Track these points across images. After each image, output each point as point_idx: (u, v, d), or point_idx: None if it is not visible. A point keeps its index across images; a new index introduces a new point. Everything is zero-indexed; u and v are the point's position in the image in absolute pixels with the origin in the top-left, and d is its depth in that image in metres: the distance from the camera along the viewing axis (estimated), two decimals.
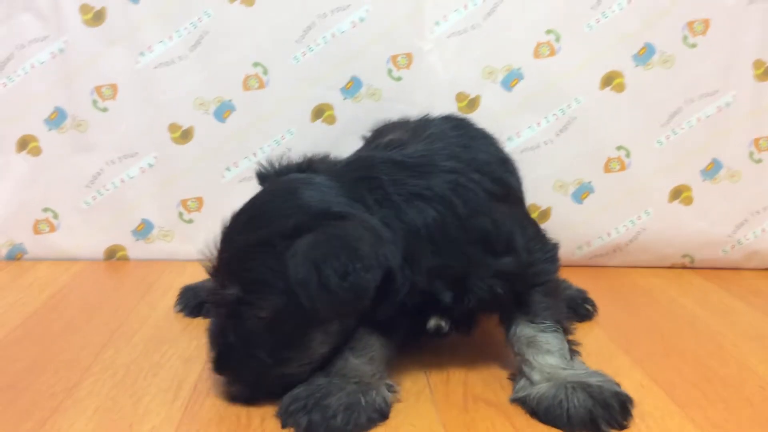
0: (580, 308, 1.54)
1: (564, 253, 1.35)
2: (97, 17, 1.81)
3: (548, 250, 1.29)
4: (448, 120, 1.45)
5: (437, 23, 1.82)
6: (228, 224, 1.16)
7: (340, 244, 1.03)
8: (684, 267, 1.96)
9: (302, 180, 1.18)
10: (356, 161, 1.25)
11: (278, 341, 1.09)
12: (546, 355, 1.16)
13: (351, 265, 1.01)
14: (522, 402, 1.14)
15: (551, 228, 1.54)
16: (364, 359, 1.15)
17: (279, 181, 1.23)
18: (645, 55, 1.82)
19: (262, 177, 1.30)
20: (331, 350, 1.14)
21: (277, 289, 1.05)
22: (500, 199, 1.22)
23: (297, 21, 1.81)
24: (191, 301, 1.53)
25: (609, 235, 1.92)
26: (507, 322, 1.22)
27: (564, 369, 1.14)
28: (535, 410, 1.10)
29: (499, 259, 1.17)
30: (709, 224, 1.92)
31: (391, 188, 1.14)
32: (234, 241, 1.12)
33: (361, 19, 1.81)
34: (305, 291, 1.01)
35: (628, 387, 1.15)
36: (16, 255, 1.93)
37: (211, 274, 1.16)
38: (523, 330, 1.19)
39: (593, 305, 1.56)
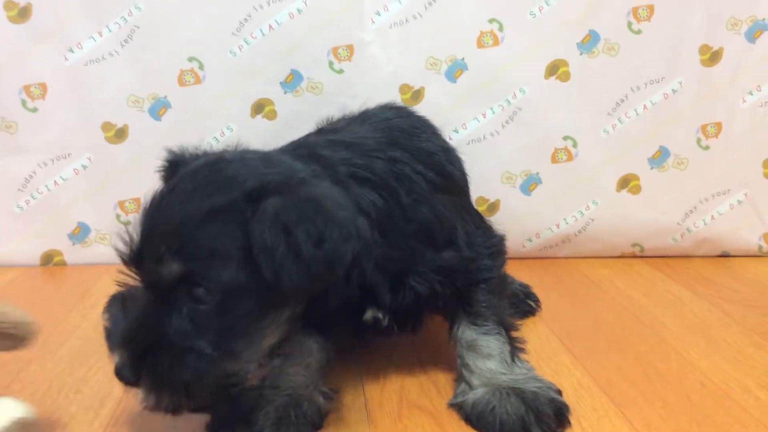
0: (523, 304, 1.52)
1: (513, 246, 1.33)
2: (22, 13, 1.73)
3: (493, 243, 1.25)
4: (389, 108, 1.38)
5: (378, 13, 1.77)
6: (154, 202, 0.99)
7: (315, 207, 0.90)
8: (634, 256, 1.95)
9: (251, 151, 1.06)
10: (297, 143, 1.17)
11: (226, 329, 0.93)
12: (486, 360, 1.13)
13: (327, 231, 0.89)
14: (458, 407, 1.12)
15: (500, 220, 1.52)
16: (299, 368, 1.10)
17: (222, 153, 1.05)
18: (589, 42, 1.79)
19: (173, 165, 1.11)
20: (276, 343, 1.02)
21: (232, 261, 0.90)
22: (443, 191, 1.17)
23: (232, 12, 1.75)
24: None
25: (558, 226, 1.90)
26: (450, 321, 1.19)
27: (503, 374, 1.12)
28: (469, 416, 1.08)
29: (440, 253, 1.13)
30: (659, 213, 1.90)
31: (340, 167, 1.06)
32: (175, 213, 0.94)
33: (299, 11, 1.75)
34: (270, 259, 0.87)
35: (567, 387, 1.14)
36: None
37: (130, 259, 0.98)
38: (464, 332, 1.16)
39: (536, 301, 1.55)
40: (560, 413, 1.05)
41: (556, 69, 1.81)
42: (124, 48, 1.75)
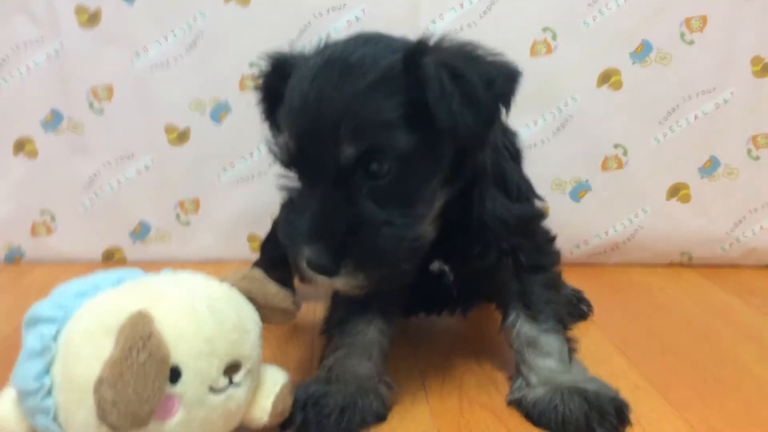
0: (575, 308, 1.54)
1: (562, 252, 1.35)
2: (92, 19, 1.80)
3: (548, 232, 1.29)
4: None
5: (433, 21, 1.81)
6: (303, 96, 0.97)
7: (473, 54, 0.96)
8: (682, 265, 1.96)
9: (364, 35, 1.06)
10: None
11: (406, 196, 0.97)
12: (545, 358, 1.15)
13: (494, 72, 0.94)
14: (517, 404, 1.14)
15: (548, 226, 1.53)
16: (363, 358, 1.14)
17: (344, 41, 1.04)
18: (642, 52, 1.82)
19: (279, 68, 1.10)
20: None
21: (401, 128, 0.93)
22: (515, 159, 1.24)
23: (293, 20, 1.80)
24: None
25: (607, 233, 1.92)
26: (505, 311, 1.21)
27: (562, 373, 1.14)
28: (530, 413, 1.11)
29: (512, 203, 1.16)
30: (708, 222, 1.91)
31: None
32: (336, 98, 0.94)
33: (357, 18, 1.80)
34: (446, 106, 0.89)
35: (624, 388, 1.15)
36: (14, 258, 1.93)
37: (294, 158, 0.98)
38: (524, 327, 1.17)
39: (589, 305, 1.57)
40: (621, 412, 1.07)
41: (608, 78, 1.83)
42: (188, 53, 1.82)
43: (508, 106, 0.96)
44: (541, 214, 1.24)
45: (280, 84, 1.06)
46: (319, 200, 0.95)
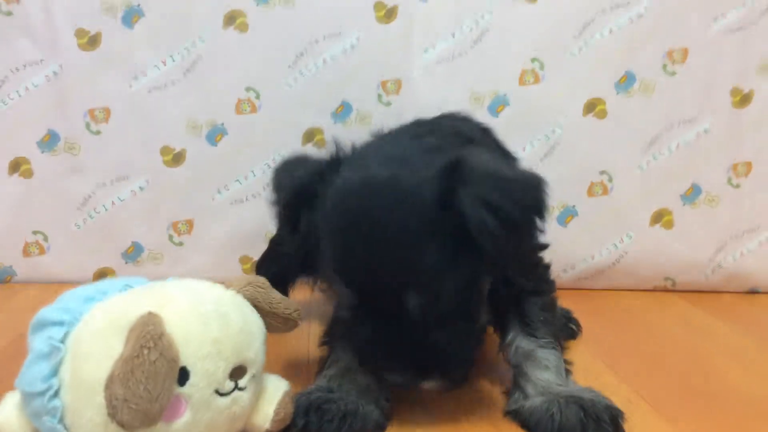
0: (565, 328, 1.56)
1: None
2: (92, 41, 1.83)
3: (543, 259, 1.34)
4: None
5: (426, 50, 1.87)
6: (351, 250, 1.02)
7: (499, 177, 1.03)
8: (666, 290, 2.00)
9: (379, 155, 1.12)
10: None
11: (461, 310, 1.07)
12: (543, 371, 1.18)
13: (521, 193, 1.01)
14: (515, 414, 1.16)
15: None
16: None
17: (376, 170, 1.07)
18: (626, 82, 1.88)
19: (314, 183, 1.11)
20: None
21: (455, 271, 1.02)
22: None
23: (289, 47, 1.85)
24: None
25: (593, 257, 1.96)
26: (503, 332, 1.24)
27: (559, 385, 1.17)
28: (527, 422, 1.13)
29: None
30: (690, 248, 1.96)
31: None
32: (386, 254, 1.00)
33: (352, 46, 1.85)
34: (491, 239, 0.97)
35: (616, 402, 1.17)
36: (5, 278, 1.93)
37: (363, 294, 1.05)
38: (522, 342, 1.21)
39: (578, 325, 1.60)
40: (616, 420, 1.10)
41: (593, 107, 1.89)
42: (185, 76, 1.85)
43: (542, 216, 1.04)
44: (545, 244, 1.29)
45: (303, 209, 1.11)
46: (390, 334, 1.04)
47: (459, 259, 1.01)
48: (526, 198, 1.01)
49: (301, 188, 1.12)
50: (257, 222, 1.84)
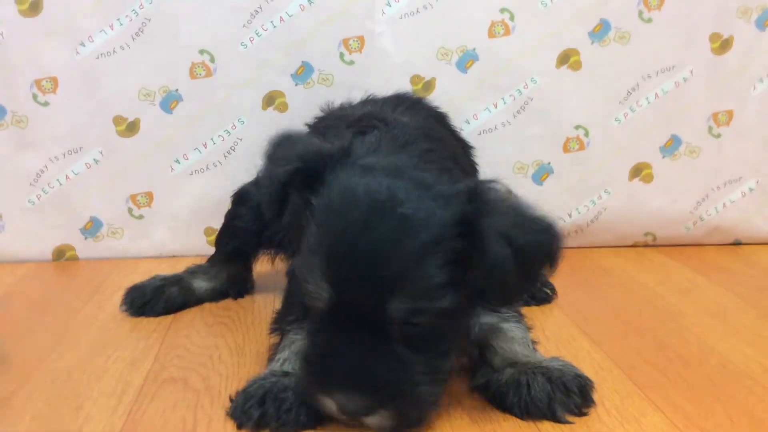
0: (539, 292, 1.52)
1: None
2: (33, 7, 1.72)
3: None
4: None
5: (388, 4, 1.77)
6: (347, 247, 0.94)
7: (520, 214, 0.99)
8: (647, 245, 1.95)
9: (397, 166, 1.02)
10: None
11: (442, 339, 1.00)
12: (510, 342, 1.14)
13: (542, 236, 0.98)
14: (482, 388, 1.11)
15: None
16: None
17: (383, 182, 0.98)
18: (601, 31, 1.80)
19: (311, 171, 1.03)
20: None
21: (450, 287, 0.94)
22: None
23: (243, 4, 1.75)
24: (137, 300, 1.47)
25: (570, 215, 1.90)
26: None
27: (526, 356, 1.12)
28: (495, 395, 1.08)
29: None
30: (671, 201, 1.90)
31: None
32: (384, 258, 0.92)
33: (310, 2, 1.75)
34: (502, 271, 0.92)
35: (587, 369, 1.13)
36: None
37: (339, 307, 0.96)
38: (485, 318, 1.16)
39: (552, 289, 1.55)
40: (585, 390, 1.05)
41: (567, 58, 1.81)
42: (135, 41, 1.75)
43: (553, 265, 1.00)
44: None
45: (300, 189, 1.03)
46: (353, 346, 0.95)
47: (453, 284, 0.95)
48: (544, 243, 0.98)
49: (304, 167, 1.02)
50: (220, 192, 1.76)
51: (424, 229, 0.93)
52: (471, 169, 1.51)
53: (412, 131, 1.21)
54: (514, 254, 0.92)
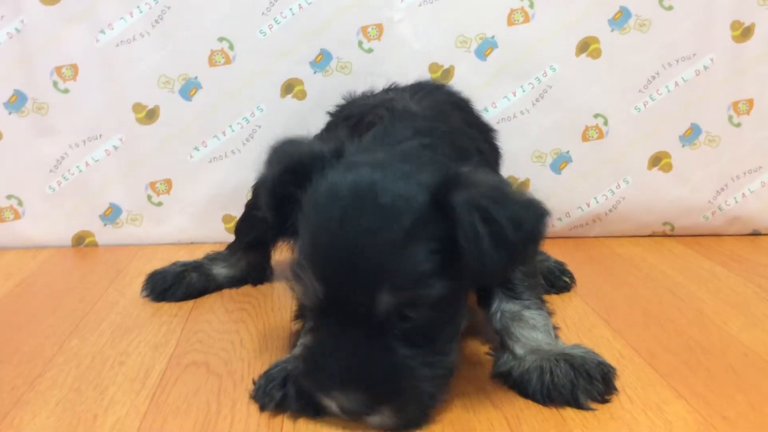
0: (558, 281, 1.52)
1: None
2: None
3: None
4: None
5: None
6: (333, 237, 0.93)
7: (502, 193, 0.93)
8: (665, 235, 1.93)
9: (388, 158, 1.01)
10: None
11: (438, 332, 0.98)
12: (532, 330, 1.13)
13: (523, 213, 0.92)
14: (505, 376, 1.11)
15: None
16: None
17: (367, 170, 0.98)
18: (621, 19, 1.78)
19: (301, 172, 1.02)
20: None
21: (436, 275, 0.92)
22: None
23: None
24: (158, 286, 1.48)
25: (588, 205, 1.89)
26: (487, 300, 1.18)
27: (548, 344, 1.12)
28: (517, 383, 1.08)
29: None
30: (690, 191, 1.89)
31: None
32: (369, 245, 0.91)
33: None
34: (477, 249, 0.88)
35: (609, 357, 1.13)
36: None
37: (327, 305, 0.95)
38: (507, 306, 1.16)
39: (571, 277, 1.54)
40: (607, 377, 1.05)
41: (587, 46, 1.79)
42: (154, 28, 1.76)
43: (536, 246, 0.96)
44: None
45: (292, 189, 1.02)
46: (349, 343, 0.94)
47: (444, 271, 0.92)
48: (524, 221, 0.91)
49: (297, 165, 1.02)
50: (239, 179, 1.77)
51: (404, 216, 0.92)
52: (492, 153, 1.47)
53: (414, 124, 1.16)
54: (491, 230, 0.89)
